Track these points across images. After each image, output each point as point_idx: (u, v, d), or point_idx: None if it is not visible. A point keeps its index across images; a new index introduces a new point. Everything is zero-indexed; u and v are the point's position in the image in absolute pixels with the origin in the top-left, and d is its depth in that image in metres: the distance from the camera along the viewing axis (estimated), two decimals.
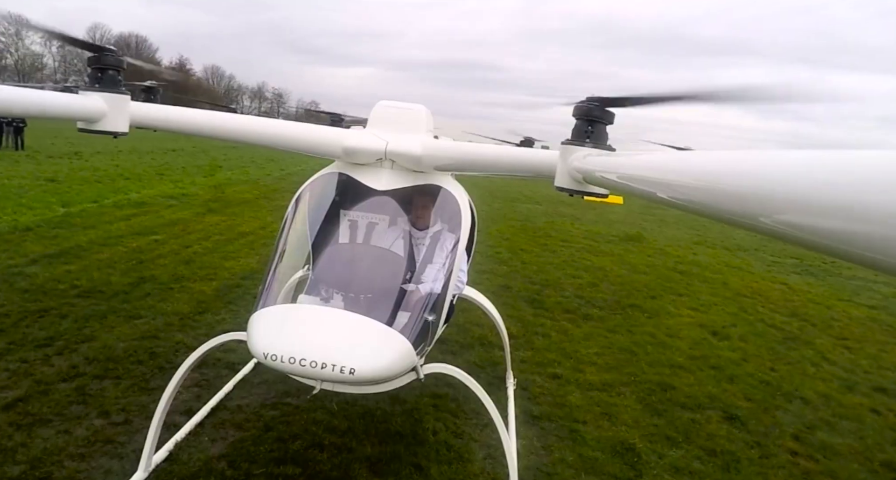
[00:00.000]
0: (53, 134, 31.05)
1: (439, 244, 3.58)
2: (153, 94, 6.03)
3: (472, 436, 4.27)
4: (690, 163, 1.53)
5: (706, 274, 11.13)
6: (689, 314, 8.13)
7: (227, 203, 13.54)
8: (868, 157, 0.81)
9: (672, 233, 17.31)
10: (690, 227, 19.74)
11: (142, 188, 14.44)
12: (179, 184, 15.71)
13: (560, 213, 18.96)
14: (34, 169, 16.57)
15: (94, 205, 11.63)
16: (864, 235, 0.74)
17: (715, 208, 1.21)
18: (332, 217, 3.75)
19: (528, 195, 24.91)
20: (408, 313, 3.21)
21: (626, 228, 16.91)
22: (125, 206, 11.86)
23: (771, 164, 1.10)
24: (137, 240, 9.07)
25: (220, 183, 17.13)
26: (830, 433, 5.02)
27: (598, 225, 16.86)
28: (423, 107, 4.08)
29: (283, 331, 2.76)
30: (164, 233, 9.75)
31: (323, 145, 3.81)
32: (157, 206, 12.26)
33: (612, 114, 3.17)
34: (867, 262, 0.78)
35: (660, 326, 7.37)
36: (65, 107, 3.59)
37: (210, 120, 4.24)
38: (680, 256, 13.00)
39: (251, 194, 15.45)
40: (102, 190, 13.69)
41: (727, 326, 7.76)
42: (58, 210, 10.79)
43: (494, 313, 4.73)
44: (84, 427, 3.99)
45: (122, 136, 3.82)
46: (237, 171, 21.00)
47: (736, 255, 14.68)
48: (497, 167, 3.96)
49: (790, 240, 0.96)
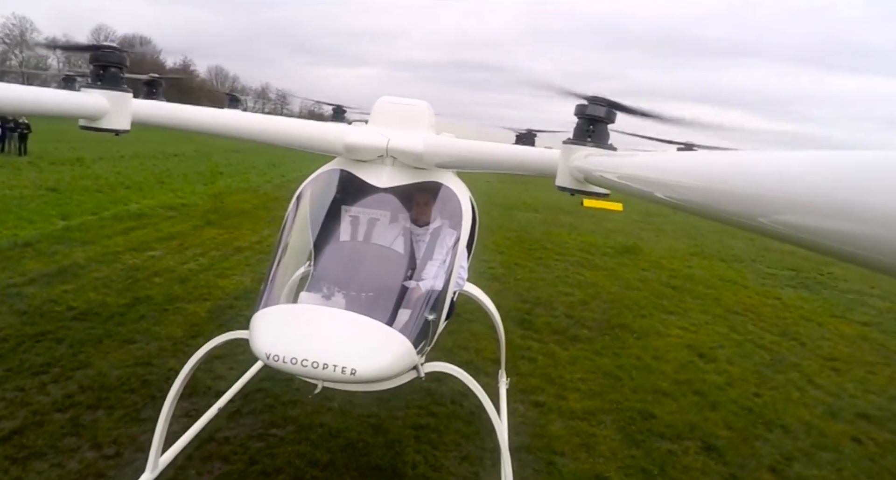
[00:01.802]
0: (57, 137, 31.26)
1: (440, 241, 3.57)
2: (155, 88, 6.01)
3: (451, 470, 4.38)
4: (690, 164, 1.55)
5: (699, 290, 11.20)
6: (678, 334, 8.21)
7: (225, 214, 13.68)
8: (866, 158, 0.82)
9: (669, 244, 17.35)
10: (689, 236, 19.77)
11: (142, 198, 14.59)
12: (179, 194, 15.85)
13: (558, 223, 19.02)
14: (36, 177, 16.75)
15: (93, 218, 11.78)
16: (861, 235, 0.75)
17: (714, 208, 1.22)
18: (334, 214, 3.73)
19: (527, 202, 24.96)
20: (408, 311, 3.21)
21: (622, 238, 16.96)
22: (124, 218, 12.01)
23: (770, 165, 1.10)
24: (134, 257, 9.21)
25: (220, 191, 17.28)
26: (808, 464, 5.10)
27: (594, 235, 16.92)
28: (424, 103, 4.04)
29: (285, 332, 2.79)
30: (161, 248, 9.89)
31: (324, 142, 3.80)
32: (156, 218, 12.41)
33: (614, 114, 3.16)
34: (865, 262, 0.78)
35: (647, 348, 7.46)
36: (66, 105, 3.56)
37: (211, 117, 4.22)
38: (675, 269, 13.07)
39: (250, 204, 15.58)
40: (102, 200, 13.85)
41: (715, 347, 7.84)
42: (57, 223, 10.94)
43: (494, 311, 4.77)
44: (77, 460, 4.11)
45: (124, 134, 3.79)
46: (238, 178, 21.14)
47: (732, 267, 14.72)
48: (498, 165, 3.95)
49: (789, 239, 0.97)
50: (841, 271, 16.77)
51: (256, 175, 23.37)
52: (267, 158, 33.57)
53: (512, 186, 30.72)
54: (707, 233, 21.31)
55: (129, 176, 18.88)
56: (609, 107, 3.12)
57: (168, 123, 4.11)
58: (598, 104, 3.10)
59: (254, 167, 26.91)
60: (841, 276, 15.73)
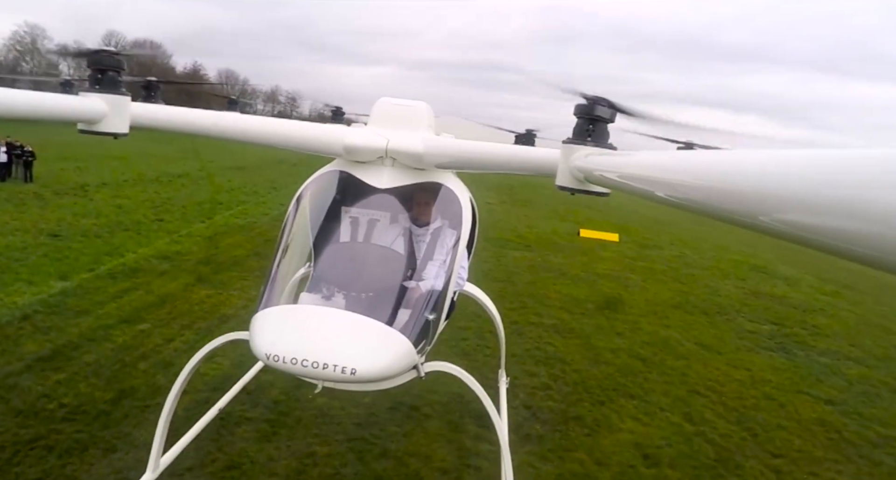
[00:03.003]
0: (64, 153, 31.92)
1: (440, 242, 3.55)
2: (153, 92, 5.97)
3: None
4: (691, 163, 1.55)
5: (669, 363, 11.51)
6: (630, 428, 8.56)
7: (217, 266, 14.19)
8: (865, 156, 0.82)
9: (655, 291, 17.47)
10: (677, 280, 19.79)
11: (138, 246, 15.12)
12: (175, 237, 16.37)
13: (547, 266, 19.21)
14: (39, 215, 17.34)
15: (90, 276, 12.33)
16: (861, 233, 0.75)
17: (715, 207, 1.23)
18: (334, 215, 3.73)
19: (522, 234, 25.16)
20: (408, 311, 3.20)
21: (609, 286, 17.11)
22: (119, 276, 12.55)
23: (770, 163, 1.09)
24: (125, 332, 9.72)
25: (217, 232, 17.79)
26: None
27: (580, 284, 17.14)
28: (424, 104, 4.00)
29: (285, 332, 2.80)
30: (150, 320, 10.40)
31: (324, 143, 3.77)
32: (150, 274, 12.93)
33: (614, 113, 3.14)
34: (864, 260, 0.79)
35: (594, 449, 7.78)
36: (65, 109, 3.55)
37: (211, 120, 4.18)
38: (651, 332, 13.31)
39: (243, 249, 16.08)
40: (101, 248, 14.42)
41: (663, 445, 8.19)
42: (55, 285, 11.50)
43: (494, 312, 4.74)
44: None
45: (123, 137, 3.76)
46: (236, 210, 21.64)
47: (713, 322, 14.92)
48: (499, 165, 3.89)
49: (789, 238, 0.97)
50: (826, 321, 16.95)
51: (255, 204, 23.87)
52: (269, 176, 34.12)
53: (507, 216, 30.96)
54: (697, 272, 21.49)
55: (130, 211, 19.45)
56: (609, 106, 3.11)
57: (167, 126, 4.06)
58: (598, 104, 3.10)
59: (255, 193, 27.42)
60: (825, 328, 15.91)
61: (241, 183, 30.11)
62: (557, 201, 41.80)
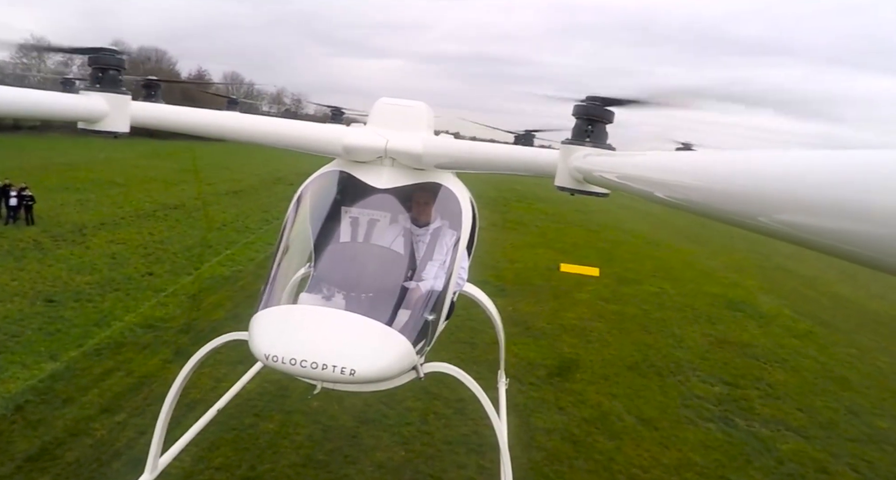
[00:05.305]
0: (68, 179, 32.99)
1: (440, 242, 3.68)
2: (153, 91, 6.10)
3: None
4: (690, 163, 1.56)
5: (599, 446, 11.77)
6: None
7: (196, 335, 15.22)
8: (865, 157, 0.83)
9: (617, 346, 17.49)
10: (644, 329, 19.67)
11: (126, 310, 16.26)
12: (161, 298, 17.50)
13: (515, 318, 18.53)
14: (37, 272, 18.53)
15: (78, 353, 13.49)
16: (860, 234, 0.76)
17: (714, 207, 1.23)
18: (333, 215, 3.86)
19: (501, 272, 24.82)
20: (408, 312, 3.36)
21: (569, 344, 17.25)
22: (104, 353, 13.62)
23: (769, 164, 1.09)
24: (102, 426, 10.81)
25: (202, 287, 18.90)
26: None
27: (540, 342, 17.21)
28: (423, 104, 4.13)
29: (284, 333, 2.84)
30: (128, 409, 11.46)
31: (323, 143, 3.89)
32: (133, 349, 13.96)
33: (612, 113, 3.20)
34: (863, 261, 0.80)
35: None
36: (66, 108, 3.55)
37: (210, 119, 4.26)
38: (596, 404, 13.56)
39: (224, 310, 17.09)
40: (91, 316, 15.58)
41: None
42: (45, 367, 12.65)
43: (494, 312, 4.61)
44: None
45: (123, 136, 3.82)
46: (223, 258, 22.69)
47: (663, 387, 15.00)
48: (498, 166, 3.96)
49: (788, 239, 0.97)
50: (783, 377, 16.96)
51: (244, 246, 24.84)
52: (263, 203, 34.98)
53: (498, 238, 30.87)
54: (669, 314, 21.28)
55: (122, 262, 20.59)
56: (608, 106, 3.16)
57: (167, 126, 4.13)
58: (596, 103, 3.12)
59: (246, 228, 28.37)
60: (779, 387, 15.97)
61: (233, 215, 30.89)
62: (549, 221, 42.16)
